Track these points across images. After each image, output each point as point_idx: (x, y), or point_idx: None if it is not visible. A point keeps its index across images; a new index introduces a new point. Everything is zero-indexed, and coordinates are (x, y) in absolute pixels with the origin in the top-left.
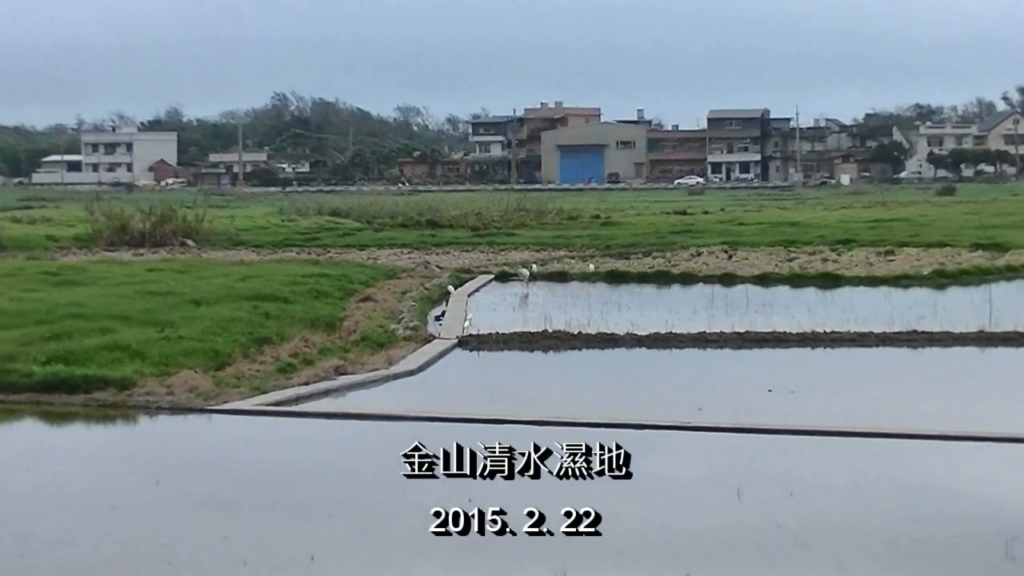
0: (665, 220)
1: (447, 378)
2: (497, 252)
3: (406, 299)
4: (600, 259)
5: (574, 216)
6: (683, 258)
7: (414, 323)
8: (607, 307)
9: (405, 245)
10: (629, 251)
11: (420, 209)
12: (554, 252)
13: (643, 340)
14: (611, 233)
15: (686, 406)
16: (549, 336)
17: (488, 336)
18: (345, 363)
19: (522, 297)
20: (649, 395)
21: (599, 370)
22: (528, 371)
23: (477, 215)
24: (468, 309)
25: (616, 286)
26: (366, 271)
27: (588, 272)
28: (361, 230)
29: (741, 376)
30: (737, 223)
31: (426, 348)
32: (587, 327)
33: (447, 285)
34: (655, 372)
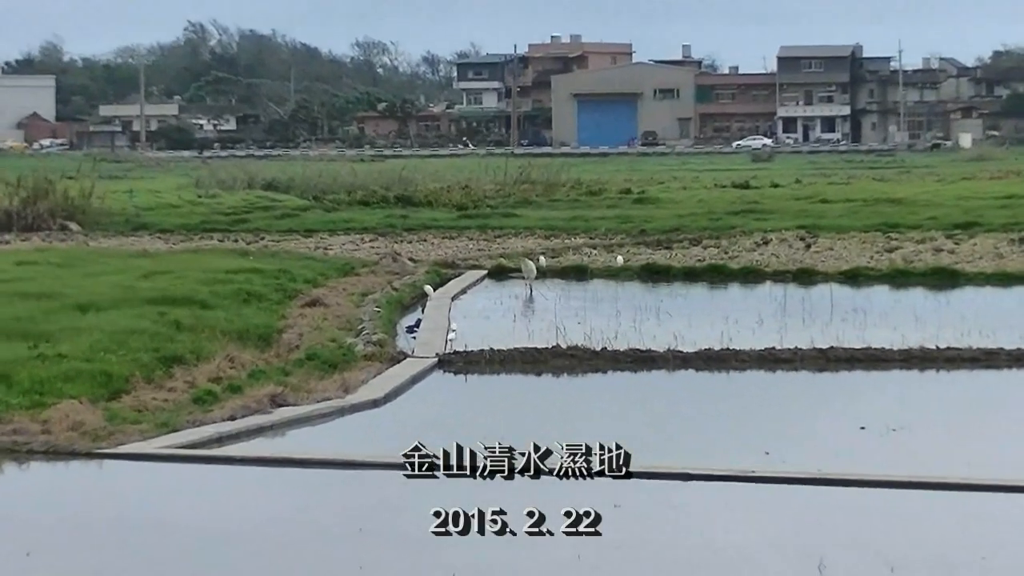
0: (720, 196)
1: (422, 411)
2: (492, 239)
3: (367, 303)
4: (632, 249)
5: (597, 191)
6: (744, 247)
7: (378, 336)
8: (642, 315)
9: (367, 230)
10: (671, 238)
11: (387, 181)
12: (569, 239)
13: (690, 359)
14: (647, 214)
15: (749, 449)
16: (562, 354)
17: (479, 354)
18: (285, 390)
19: (525, 301)
20: (699, 434)
21: (630, 400)
22: (533, 402)
23: (464, 189)
24: (452, 317)
25: (654, 286)
26: (313, 265)
27: (616, 267)
28: (306, 209)
29: (823, 408)
30: (818, 200)
31: (394, 370)
32: (614, 341)
33: (424, 284)
34: (707, 403)
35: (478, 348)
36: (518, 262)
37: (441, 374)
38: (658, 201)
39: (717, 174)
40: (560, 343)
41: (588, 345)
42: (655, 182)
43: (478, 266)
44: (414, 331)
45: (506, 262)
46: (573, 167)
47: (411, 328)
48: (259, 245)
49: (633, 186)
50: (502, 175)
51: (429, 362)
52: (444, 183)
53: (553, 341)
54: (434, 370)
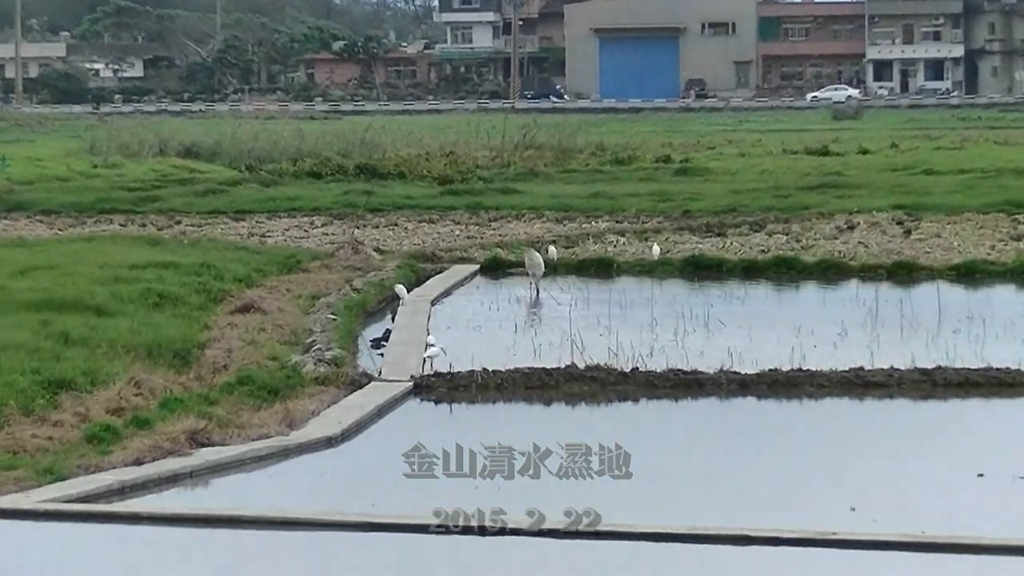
0: (791, 165)
1: (392, 453)
2: (485, 224)
3: (319, 309)
4: (672, 236)
5: (625, 159)
6: (823, 234)
7: (333, 353)
8: (685, 324)
9: (318, 211)
10: (725, 222)
11: (346, 145)
12: (589, 223)
13: (751, 384)
14: (692, 189)
15: (829, 503)
16: (579, 376)
17: (468, 376)
18: (208, 425)
19: (530, 305)
20: (761, 483)
21: (670, 438)
22: (541, 439)
23: (449, 157)
24: (432, 327)
25: (701, 285)
26: (247, 258)
27: (651, 260)
28: (237, 183)
29: (928, 448)
30: (921, 170)
31: (355, 398)
32: (649, 360)
33: (394, 284)
34: (772, 441)
35: (467, 369)
36: (520, 254)
37: (417, 403)
38: (707, 172)
39: (786, 136)
40: (576, 362)
41: (613, 365)
42: (703, 147)
43: (467, 259)
44: (381, 346)
45: (504, 254)
46: (594, 127)
47: (377, 342)
48: (175, 231)
49: (674, 152)
50: (499, 138)
51: (401, 387)
52: (422, 148)
53: (567, 359)
54: (408, 398)
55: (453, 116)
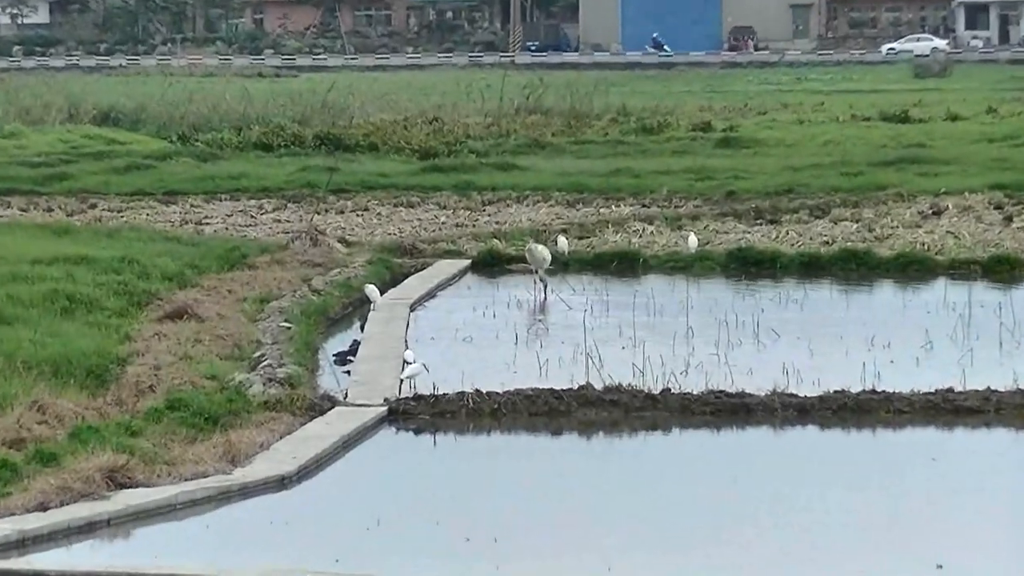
0: (862, 135)
1: (359, 497)
2: (478, 208)
3: (269, 315)
4: (714, 224)
5: (654, 126)
6: (902, 221)
7: (288, 370)
8: (730, 333)
9: (268, 192)
10: (779, 206)
11: (303, 110)
12: (609, 207)
13: (812, 409)
14: (739, 164)
15: (910, 558)
16: (597, 400)
17: (457, 400)
18: (131, 461)
19: (534, 310)
20: (824, 533)
21: (711, 477)
22: (547, 483)
23: (433, 124)
24: (411, 339)
25: (750, 285)
26: (179, 252)
27: (686, 253)
28: (167, 157)
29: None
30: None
31: (315, 428)
32: (683, 379)
33: (364, 283)
34: (838, 480)
35: (455, 390)
36: (521, 246)
37: (393, 433)
38: (757, 144)
39: (856, 98)
40: (592, 382)
41: (639, 385)
42: (752, 112)
43: (455, 253)
44: (348, 362)
45: (502, 246)
46: (614, 87)
47: (343, 357)
48: (89, 217)
49: (715, 119)
50: (496, 100)
51: (372, 414)
52: (398, 113)
53: (581, 378)
54: (381, 426)
55: (438, 73)
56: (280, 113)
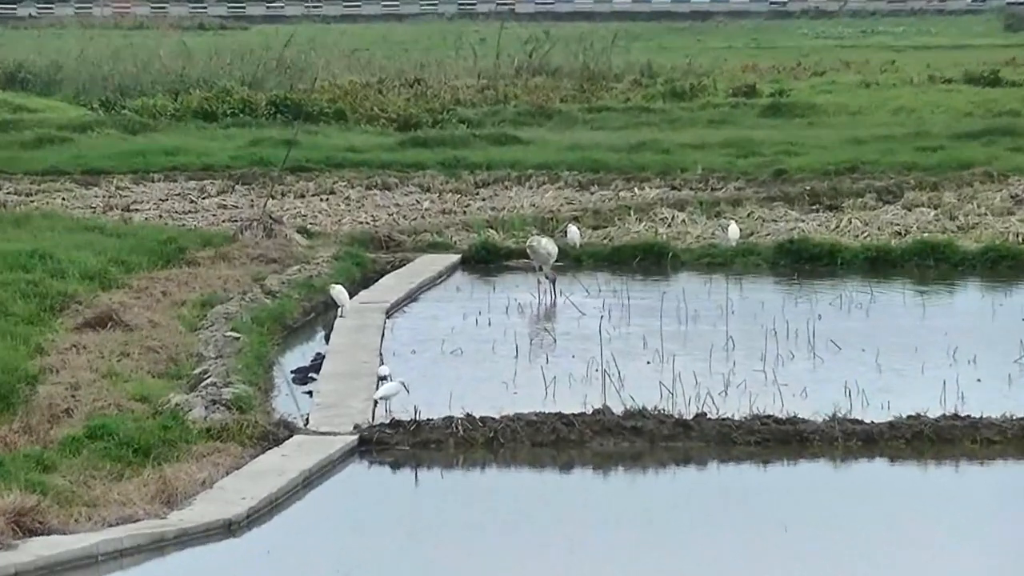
0: (942, 100)
1: (320, 547)
2: (470, 191)
3: (213, 323)
4: (759, 209)
5: (687, 90)
6: (992, 206)
7: (235, 390)
8: (779, 345)
9: (211, 170)
10: (840, 188)
11: (255, 70)
12: (629, 189)
13: (879, 438)
14: (790, 137)
15: None
16: (615, 427)
17: (443, 427)
18: (42, 503)
19: (537, 316)
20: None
21: (755, 520)
22: (554, 535)
23: (414, 88)
24: (387, 351)
25: (804, 284)
26: (103, 244)
27: (726, 246)
28: (88, 128)
29: None
30: None
31: (268, 461)
32: (720, 401)
33: (330, 284)
34: (912, 525)
35: (441, 415)
36: (523, 237)
37: (364, 468)
38: (813, 112)
39: (935, 56)
40: (611, 405)
41: (668, 409)
42: (806, 72)
43: (441, 245)
44: (309, 380)
45: (499, 237)
46: (638, 42)
47: (304, 374)
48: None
49: (762, 81)
50: (491, 58)
51: (339, 444)
52: (372, 74)
53: (596, 400)
54: (351, 459)
55: (420, 24)
56: (226, 74)
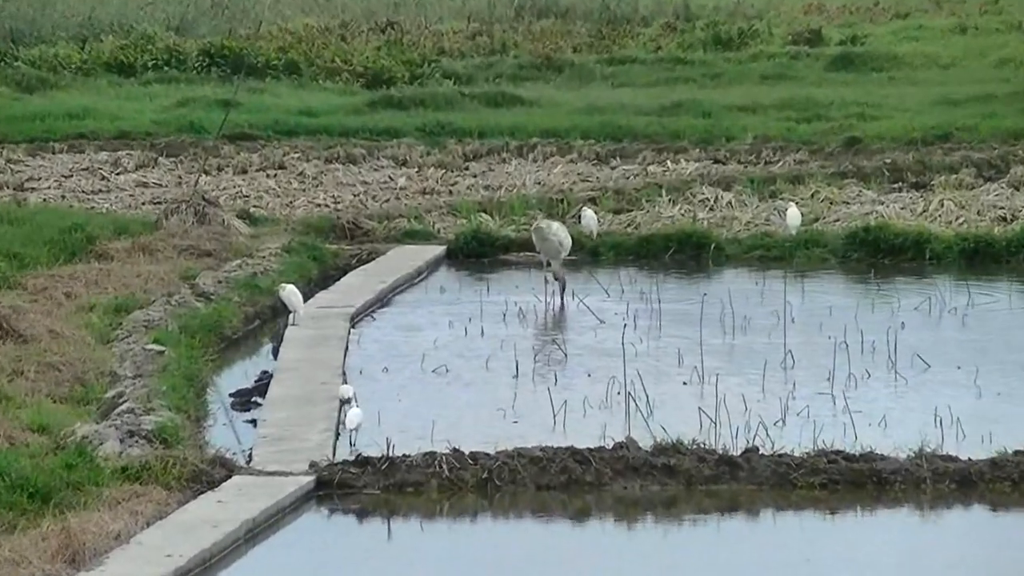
0: None
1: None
2: (457, 164)
3: (130, 333)
4: (826, 188)
5: (734, 37)
6: None
7: (158, 418)
8: (851, 362)
9: (128, 138)
10: (929, 161)
11: (183, 11)
12: (661, 162)
13: (976, 478)
14: (865, 96)
15: None
16: (643, 465)
17: (423, 465)
18: None
19: (544, 324)
20: None
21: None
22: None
23: (386, 34)
24: (352, 369)
25: (882, 285)
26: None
27: (781, 234)
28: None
29: None
30: None
31: (200, 509)
32: (776, 432)
33: (280, 283)
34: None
35: (421, 450)
36: (524, 223)
37: (324, 517)
38: (894, 64)
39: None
40: (636, 437)
41: (708, 443)
42: (886, 13)
43: (421, 234)
44: (253, 405)
45: (494, 223)
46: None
47: (245, 397)
48: None
49: (828, 24)
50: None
51: (292, 487)
52: (332, 15)
53: (617, 431)
54: (305, 506)
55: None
56: (147, 16)
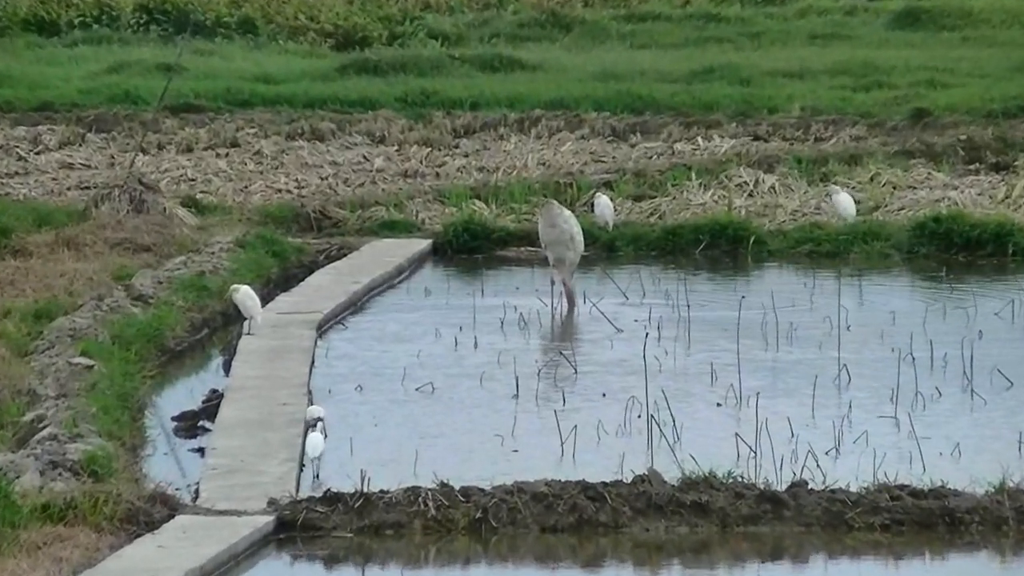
0: None
1: None
2: (445, 140)
3: (53, 344)
4: (887, 169)
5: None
6: None
7: (85, 447)
8: (919, 379)
9: (49, 109)
10: (1007, 135)
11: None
12: (689, 138)
13: None
14: (933, 59)
15: None
16: (669, 503)
17: (404, 503)
18: None
19: (550, 332)
20: None
21: None
22: None
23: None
24: (318, 388)
25: (955, 284)
26: None
27: (832, 224)
28: None
29: None
30: None
31: (136, 555)
32: (828, 463)
33: (232, 284)
34: None
35: (402, 484)
36: (528, 213)
37: (286, 565)
38: (969, 19)
39: None
40: (660, 469)
41: (746, 476)
42: None
43: (402, 225)
44: (200, 431)
45: (489, 212)
46: None
47: (190, 422)
48: None
49: None
50: None
51: (247, 529)
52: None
53: (638, 462)
54: (264, 551)
55: None
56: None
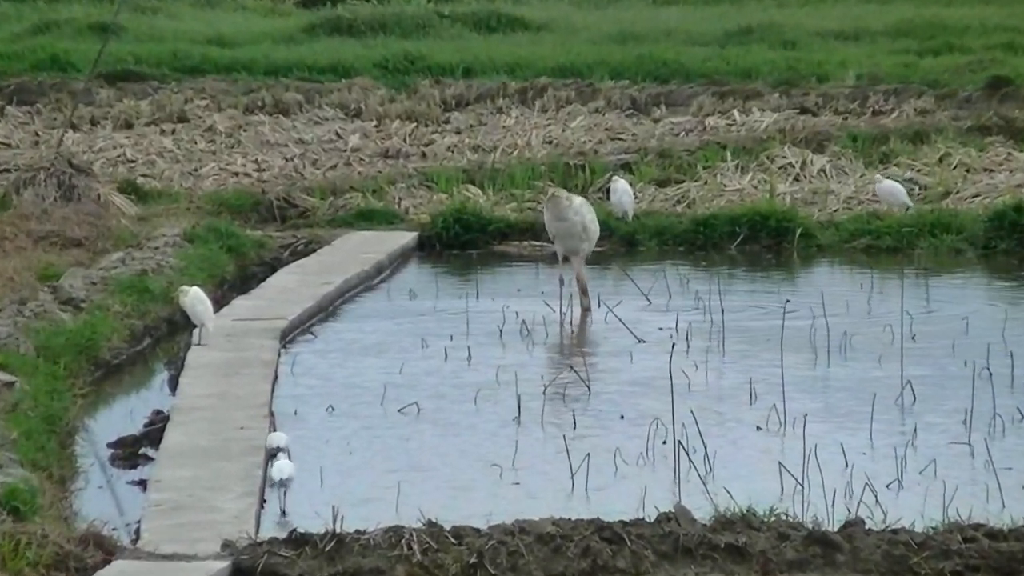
0: None
1: None
2: (434, 113)
3: None
4: (959, 147)
5: None
6: None
7: (6, 477)
8: (995, 398)
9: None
10: None
11: None
12: (723, 112)
13: None
14: (1014, 18)
15: None
16: (699, 545)
17: (383, 546)
18: None
19: (558, 344)
20: None
21: None
22: None
23: None
24: (281, 410)
25: None
26: None
27: (897, 214)
28: None
29: None
30: None
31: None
32: (889, 499)
33: (178, 287)
34: None
35: (381, 523)
36: (531, 201)
37: None
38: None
39: None
40: (689, 505)
41: (793, 515)
42: None
43: (381, 215)
44: (139, 457)
45: (485, 200)
46: None
47: (130, 448)
48: None
49: None
50: None
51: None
52: None
53: (663, 497)
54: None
55: None
56: None
